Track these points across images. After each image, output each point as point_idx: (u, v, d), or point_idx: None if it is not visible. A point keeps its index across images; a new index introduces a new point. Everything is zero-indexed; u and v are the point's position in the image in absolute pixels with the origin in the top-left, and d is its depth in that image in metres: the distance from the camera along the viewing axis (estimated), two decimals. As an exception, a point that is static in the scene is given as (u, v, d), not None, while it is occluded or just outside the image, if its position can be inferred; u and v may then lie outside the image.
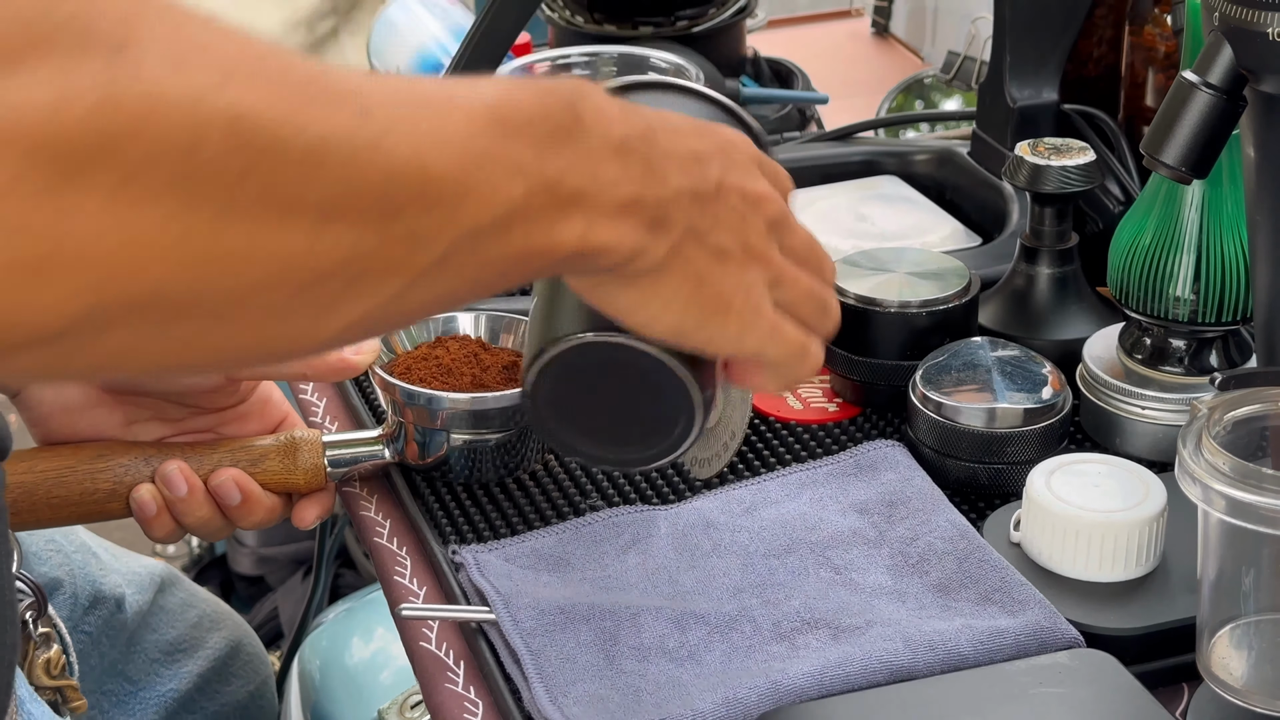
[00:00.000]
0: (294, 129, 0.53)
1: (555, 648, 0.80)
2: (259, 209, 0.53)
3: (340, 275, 0.56)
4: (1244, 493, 0.67)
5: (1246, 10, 0.73)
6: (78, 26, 0.49)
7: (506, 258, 0.61)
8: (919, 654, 0.78)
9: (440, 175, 0.57)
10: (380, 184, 0.56)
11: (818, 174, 1.20)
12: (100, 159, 0.49)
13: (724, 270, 0.67)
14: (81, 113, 0.48)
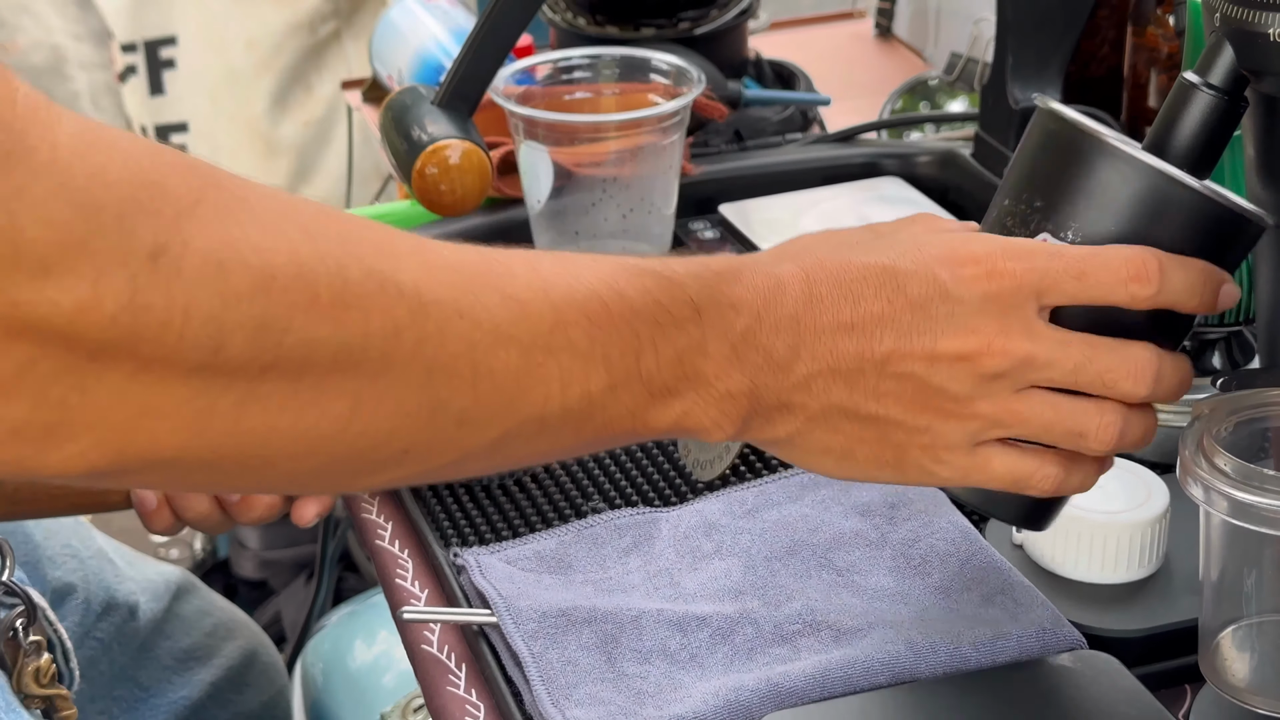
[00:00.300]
0: (329, 332, 0.54)
1: (557, 650, 0.80)
2: (285, 398, 0.54)
3: (380, 451, 0.57)
4: (1246, 494, 0.67)
5: (1247, 11, 0.73)
6: (119, 232, 0.50)
7: (583, 436, 0.62)
8: (921, 656, 0.78)
9: (499, 369, 0.58)
10: (422, 379, 0.57)
11: (820, 176, 1.20)
12: (121, 350, 0.51)
13: (885, 434, 0.65)
14: (107, 316, 0.50)
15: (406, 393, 0.57)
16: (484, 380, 0.58)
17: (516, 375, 0.59)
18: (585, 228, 1.08)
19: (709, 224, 1.17)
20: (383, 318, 0.56)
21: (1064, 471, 0.68)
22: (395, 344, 0.56)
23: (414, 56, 1.30)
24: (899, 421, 0.65)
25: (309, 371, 0.55)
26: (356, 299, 0.55)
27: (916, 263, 0.65)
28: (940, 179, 1.19)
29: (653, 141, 1.06)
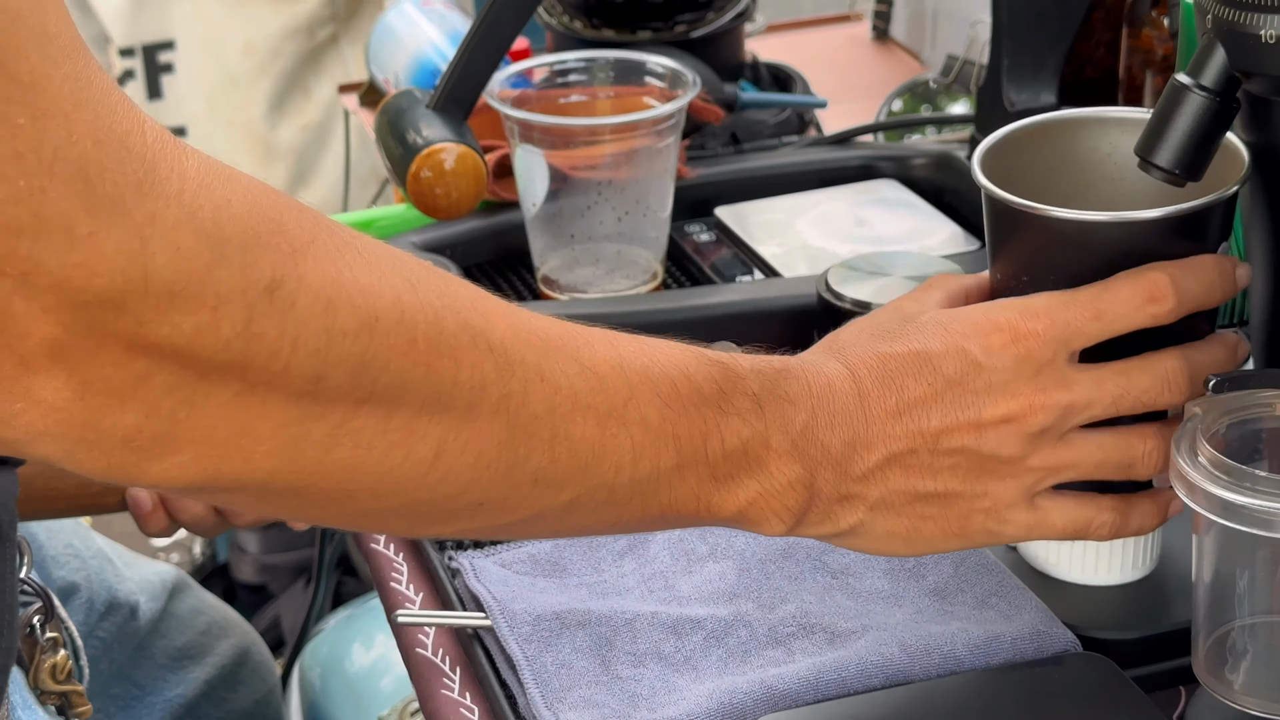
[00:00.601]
0: (420, 376, 0.58)
1: (551, 653, 0.80)
2: (375, 435, 0.57)
3: (457, 500, 0.61)
4: (1237, 495, 0.67)
5: (1239, 12, 0.73)
6: (242, 264, 0.54)
7: (649, 512, 0.65)
8: (915, 658, 0.78)
9: (576, 435, 0.62)
10: (504, 434, 0.60)
11: (816, 178, 1.20)
12: (231, 373, 0.54)
13: (947, 508, 0.70)
14: (223, 340, 0.53)
15: (488, 444, 0.60)
16: (561, 443, 0.62)
17: (592, 442, 0.63)
18: (580, 231, 1.08)
19: (705, 227, 1.17)
20: (472, 370, 0.59)
21: (1121, 516, 0.73)
22: (481, 395, 0.59)
23: (410, 60, 1.30)
24: (958, 493, 0.69)
25: (399, 411, 0.58)
26: (450, 349, 0.59)
27: (945, 343, 0.69)
28: (936, 181, 1.19)
29: (648, 145, 1.06)
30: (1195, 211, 0.74)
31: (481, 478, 0.60)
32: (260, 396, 0.55)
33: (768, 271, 1.11)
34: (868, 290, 0.99)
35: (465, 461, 0.60)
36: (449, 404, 0.59)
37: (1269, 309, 0.79)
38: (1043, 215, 0.75)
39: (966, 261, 1.04)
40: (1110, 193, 0.81)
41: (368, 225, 1.16)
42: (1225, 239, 0.76)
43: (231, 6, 1.79)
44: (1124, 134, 0.79)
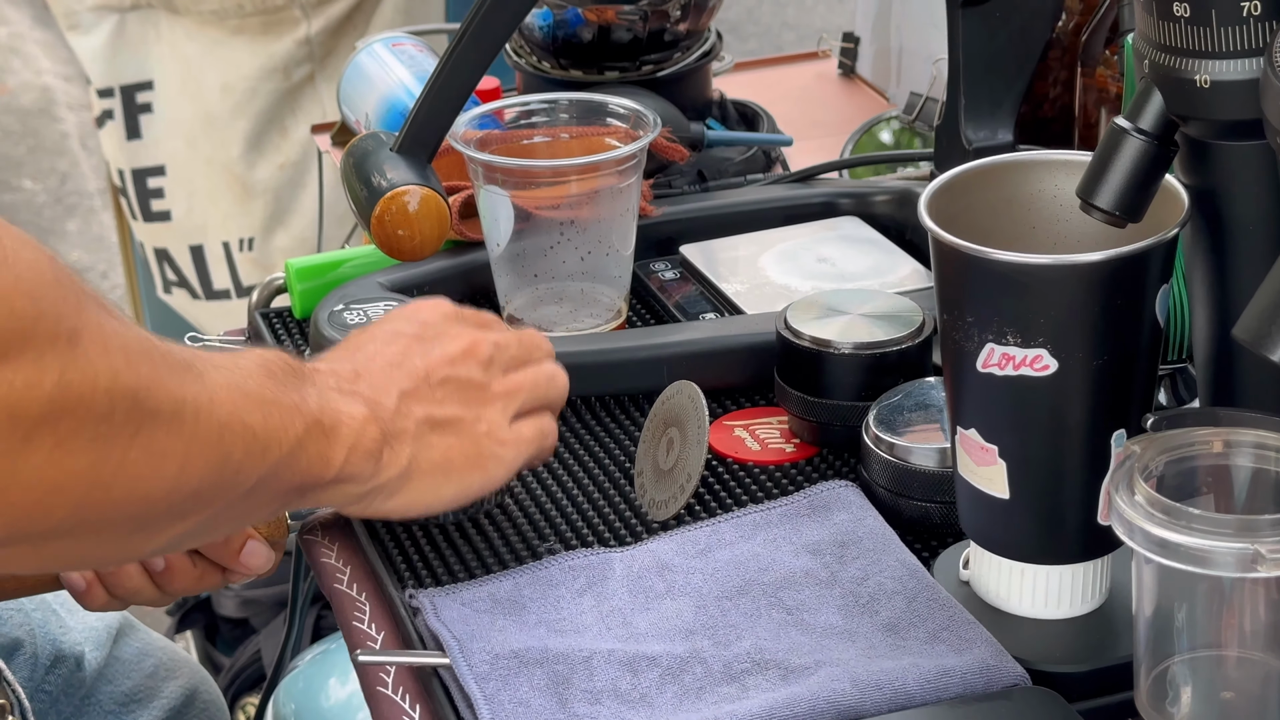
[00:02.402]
0: (167, 397, 0.67)
1: (509, 692, 0.81)
2: (144, 459, 0.66)
3: (185, 505, 0.70)
4: (1174, 533, 0.68)
5: (1175, 58, 0.75)
6: (47, 325, 0.62)
7: (292, 484, 0.76)
8: (866, 693, 0.79)
9: (253, 424, 0.72)
10: (217, 434, 0.70)
11: (780, 215, 1.22)
12: (50, 424, 0.61)
13: (460, 433, 0.84)
14: (45, 392, 0.61)
15: (211, 449, 0.70)
16: (248, 433, 0.72)
17: (263, 426, 0.73)
18: (544, 270, 1.09)
19: (670, 264, 1.19)
20: (192, 386, 0.69)
21: (551, 427, 0.90)
22: (200, 407, 0.69)
23: (381, 101, 1.32)
24: (461, 417, 0.85)
25: (157, 433, 0.67)
26: (177, 370, 0.69)
27: (396, 316, 0.89)
28: (897, 218, 1.21)
29: (610, 184, 1.08)
30: (1136, 254, 0.76)
31: (206, 479, 0.70)
32: (69, 446, 0.62)
33: (731, 309, 1.12)
34: (826, 328, 1.00)
35: (197, 467, 0.69)
36: (183, 419, 0.68)
37: (1211, 348, 0.81)
38: (986, 258, 0.77)
39: (927, 298, 1.05)
40: (1055, 234, 0.82)
41: (338, 265, 1.18)
42: (1166, 280, 0.78)
43: (208, 47, 1.81)
44: (1069, 176, 0.81)
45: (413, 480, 0.83)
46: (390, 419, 0.82)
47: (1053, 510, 0.81)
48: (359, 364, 0.83)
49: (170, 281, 1.94)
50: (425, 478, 0.83)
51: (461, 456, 0.84)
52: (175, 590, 0.90)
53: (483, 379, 0.86)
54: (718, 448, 1.01)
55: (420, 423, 0.83)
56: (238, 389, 0.72)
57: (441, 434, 0.84)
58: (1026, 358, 0.78)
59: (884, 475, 0.93)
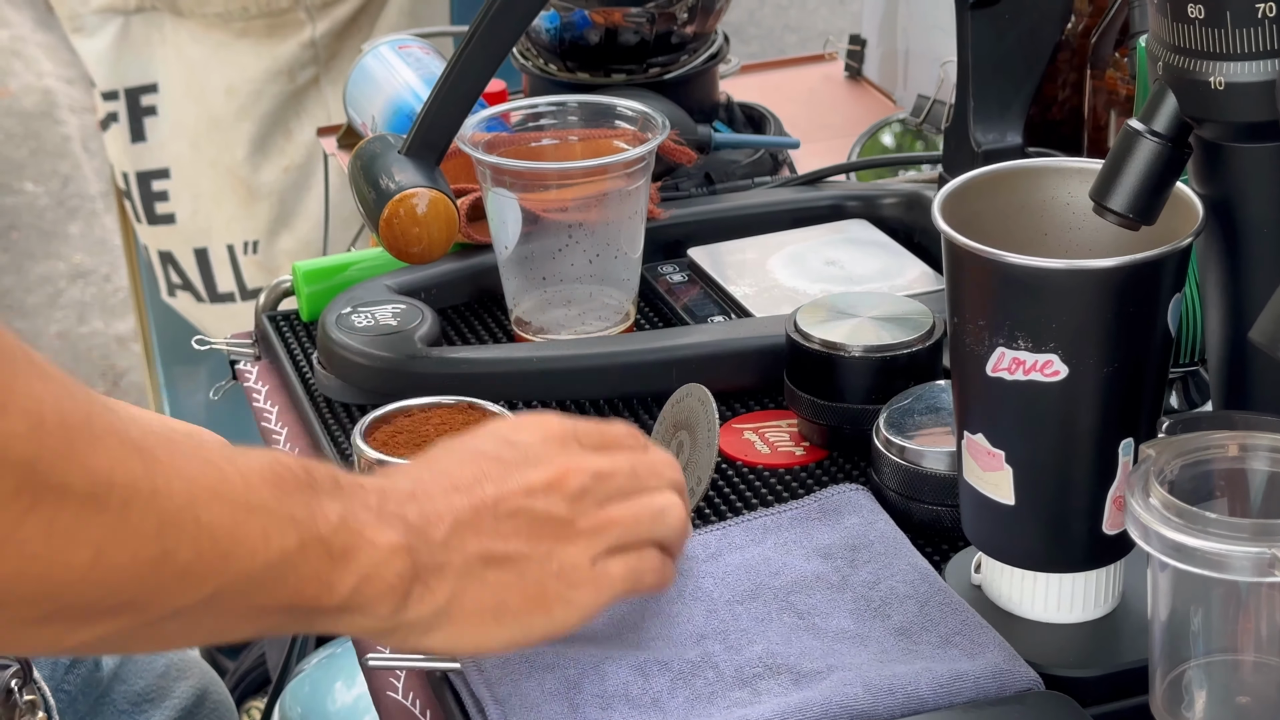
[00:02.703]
0: (80, 476, 0.60)
1: (519, 696, 0.80)
2: (41, 538, 0.60)
3: (105, 601, 0.63)
4: (1190, 537, 0.68)
5: (1189, 60, 0.74)
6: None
7: (278, 603, 0.68)
8: (879, 698, 0.79)
9: (215, 523, 0.65)
10: (155, 529, 0.63)
11: (788, 219, 1.22)
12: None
13: (523, 572, 0.75)
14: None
15: (141, 541, 0.62)
16: (204, 534, 0.64)
17: (229, 530, 0.65)
18: (552, 273, 1.09)
19: (678, 267, 1.19)
20: (124, 468, 0.62)
21: (665, 564, 0.81)
22: (133, 492, 0.62)
23: (387, 104, 1.31)
24: (527, 555, 0.75)
25: (62, 513, 0.60)
26: (104, 448, 0.62)
27: (480, 433, 0.80)
28: (905, 221, 1.21)
29: (618, 187, 1.07)
30: (1150, 261, 0.76)
31: (135, 575, 0.63)
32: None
33: (739, 312, 1.12)
34: (836, 331, 1.00)
35: (121, 560, 0.62)
36: (105, 503, 0.61)
37: (1224, 353, 0.81)
38: (1000, 261, 0.76)
39: (934, 300, 1.05)
40: (1067, 241, 0.82)
41: (345, 268, 1.17)
42: (1179, 289, 0.77)
43: (213, 49, 1.81)
44: (1082, 183, 0.81)
45: (454, 620, 0.74)
46: (431, 550, 0.73)
47: (1059, 518, 0.81)
48: (421, 483, 0.75)
49: (174, 284, 1.93)
50: (471, 618, 0.74)
51: (520, 597, 0.75)
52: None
53: (565, 514, 0.77)
54: (727, 450, 1.00)
55: (472, 558, 0.74)
56: (206, 485, 0.65)
57: (499, 571, 0.75)
58: (1037, 363, 0.78)
59: (895, 479, 0.93)
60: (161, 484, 0.63)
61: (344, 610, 0.70)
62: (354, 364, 1.05)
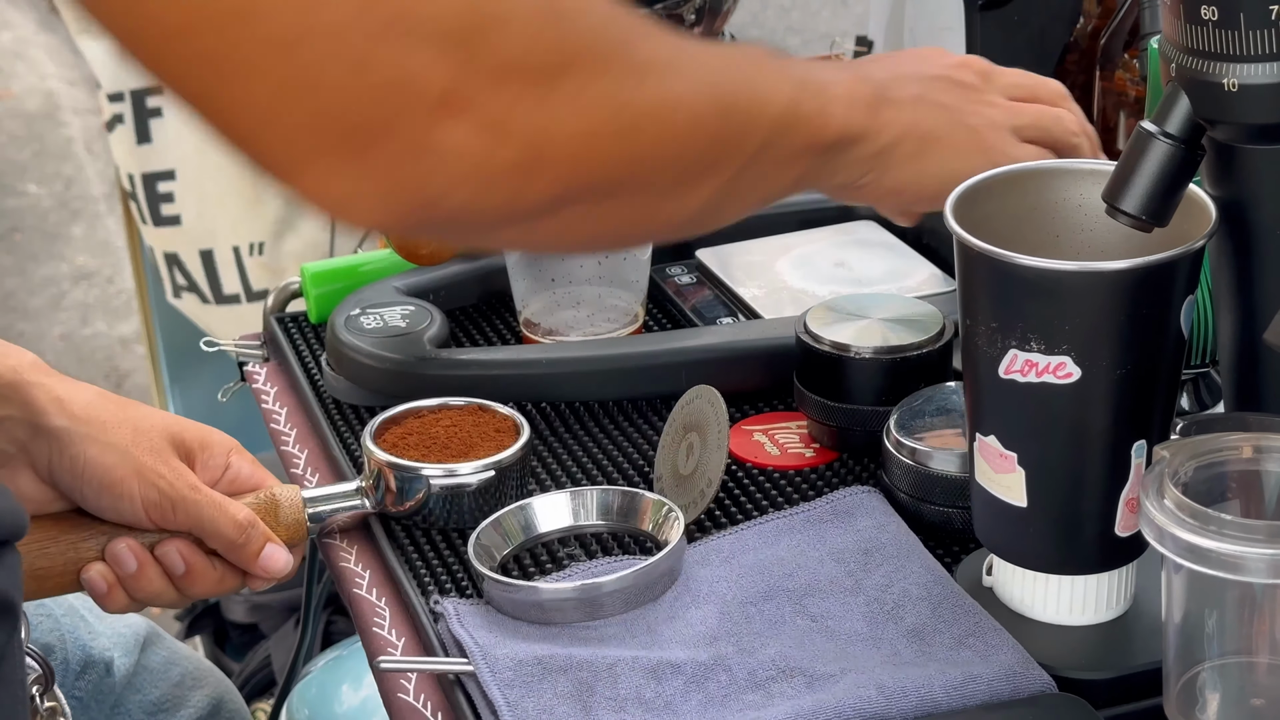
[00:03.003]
0: (650, 51, 0.69)
1: (533, 699, 0.80)
2: (654, 108, 0.68)
3: (700, 161, 0.72)
4: (1204, 539, 0.68)
5: (1203, 62, 0.74)
6: (593, 53, 0.65)
7: (801, 144, 0.78)
8: (893, 700, 0.79)
9: (745, 79, 0.75)
10: (711, 84, 0.72)
11: (796, 220, 1.22)
12: (569, 71, 0.64)
13: (955, 117, 0.87)
14: (555, 43, 0.64)
15: (712, 99, 0.72)
16: (744, 83, 0.75)
17: (752, 82, 0.75)
18: (561, 274, 1.09)
19: (686, 269, 1.19)
20: (673, 45, 0.72)
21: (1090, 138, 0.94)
22: (697, 59, 0.73)
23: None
24: (958, 106, 0.88)
25: (652, 74, 0.69)
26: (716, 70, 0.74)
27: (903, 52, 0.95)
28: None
29: (628, 190, 1.07)
30: (1163, 263, 0.75)
31: (718, 131, 0.73)
32: (587, 95, 0.64)
33: (748, 313, 1.12)
34: (846, 332, 1.00)
35: (707, 115, 0.72)
36: (678, 67, 0.71)
37: (1237, 355, 0.80)
38: (1013, 263, 0.76)
39: (944, 302, 1.05)
40: (1079, 243, 0.82)
41: (354, 270, 1.17)
42: (1192, 291, 0.77)
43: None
44: (1094, 185, 0.81)
45: (913, 146, 0.84)
46: (881, 85, 0.83)
47: (1071, 520, 0.81)
48: (848, 66, 0.87)
49: (180, 286, 1.93)
50: (927, 145, 0.85)
51: (963, 133, 0.87)
52: (195, 593, 0.90)
53: (980, 85, 0.89)
54: (736, 452, 1.00)
55: (914, 97, 0.85)
56: (711, 53, 0.74)
57: (939, 111, 0.86)
58: (1050, 365, 0.78)
59: (905, 480, 0.93)
60: (695, 53, 0.72)
61: (842, 142, 0.81)
62: (363, 365, 1.05)
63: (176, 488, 0.89)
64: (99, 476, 0.88)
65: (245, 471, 0.93)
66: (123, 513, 0.89)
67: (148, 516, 0.89)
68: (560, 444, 1.03)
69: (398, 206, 0.63)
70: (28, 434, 0.88)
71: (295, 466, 1.05)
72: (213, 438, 0.93)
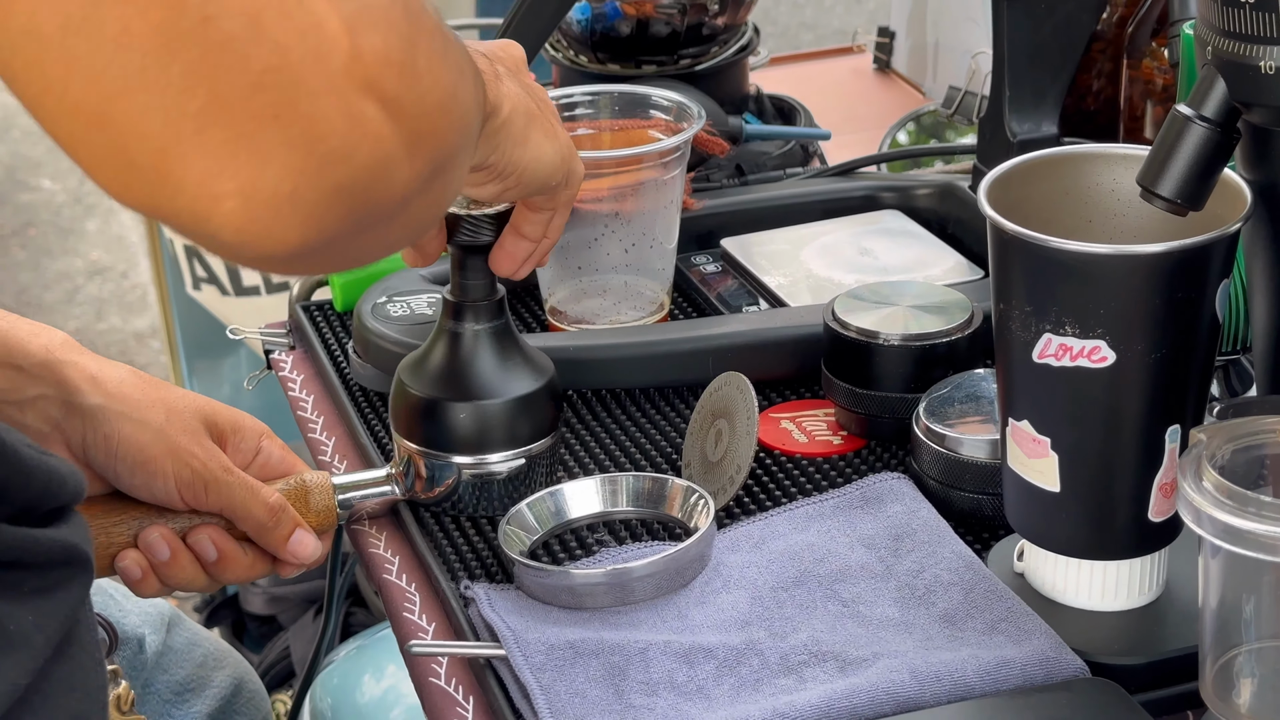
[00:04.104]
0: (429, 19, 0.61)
1: (565, 683, 0.80)
2: (451, 76, 0.60)
3: (475, 123, 0.64)
4: (1243, 520, 0.68)
5: (1239, 44, 0.74)
6: (422, 21, 0.57)
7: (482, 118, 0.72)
8: (925, 685, 0.79)
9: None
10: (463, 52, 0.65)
11: (820, 209, 1.22)
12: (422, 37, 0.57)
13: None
14: (450, 85, 0.59)
15: (470, 68, 0.64)
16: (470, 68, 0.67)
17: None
18: (587, 262, 1.09)
19: (711, 258, 1.19)
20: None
21: None
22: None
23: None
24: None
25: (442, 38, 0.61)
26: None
27: None
28: (939, 211, 1.20)
29: (654, 177, 1.07)
30: (1199, 247, 0.75)
31: (478, 97, 0.66)
32: (436, 62, 0.57)
33: (774, 301, 1.12)
34: (873, 319, 1.00)
35: (471, 85, 0.64)
36: (447, 37, 0.63)
37: (1271, 338, 0.80)
38: (1047, 246, 0.76)
39: (970, 290, 1.05)
40: (1112, 227, 0.82)
41: (377, 259, 1.17)
42: (1226, 275, 0.77)
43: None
44: (1127, 170, 0.80)
45: (521, 123, 0.80)
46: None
47: (1104, 504, 0.81)
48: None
49: (200, 278, 1.93)
50: (530, 123, 0.81)
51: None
52: (226, 579, 0.90)
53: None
54: (764, 440, 1.00)
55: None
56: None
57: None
58: (1084, 349, 0.77)
59: (935, 467, 0.93)
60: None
61: (490, 115, 0.76)
62: (390, 353, 1.05)
63: (210, 468, 0.89)
64: (133, 454, 0.88)
65: (276, 456, 0.93)
66: (156, 491, 0.89)
67: (180, 496, 0.89)
68: (588, 431, 1.03)
69: (315, 195, 0.53)
70: (61, 412, 0.88)
71: (323, 454, 1.05)
72: (245, 421, 0.93)
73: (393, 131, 0.55)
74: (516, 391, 0.93)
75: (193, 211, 0.52)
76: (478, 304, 0.92)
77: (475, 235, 0.90)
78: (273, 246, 0.54)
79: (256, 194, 0.52)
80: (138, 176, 0.52)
